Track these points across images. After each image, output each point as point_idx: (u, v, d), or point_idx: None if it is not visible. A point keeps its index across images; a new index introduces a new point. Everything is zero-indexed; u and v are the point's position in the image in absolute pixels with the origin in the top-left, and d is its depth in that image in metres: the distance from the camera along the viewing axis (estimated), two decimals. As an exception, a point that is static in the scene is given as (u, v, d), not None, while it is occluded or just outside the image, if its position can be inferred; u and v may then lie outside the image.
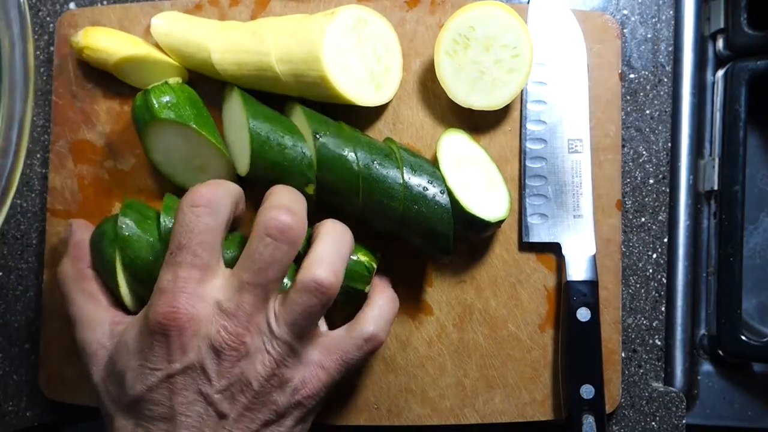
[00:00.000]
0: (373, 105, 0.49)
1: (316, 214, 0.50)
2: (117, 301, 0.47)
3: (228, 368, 0.40)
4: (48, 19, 0.55)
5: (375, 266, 0.48)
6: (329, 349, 0.44)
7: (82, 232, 0.48)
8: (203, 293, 0.41)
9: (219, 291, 0.41)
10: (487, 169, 0.50)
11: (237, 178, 0.50)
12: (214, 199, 0.42)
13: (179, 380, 0.40)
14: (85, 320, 0.45)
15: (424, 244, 0.48)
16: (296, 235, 0.41)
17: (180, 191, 0.51)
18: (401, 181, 0.47)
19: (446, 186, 0.47)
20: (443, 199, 0.47)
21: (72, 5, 0.56)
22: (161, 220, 0.46)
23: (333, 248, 0.43)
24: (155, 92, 0.48)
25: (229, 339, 0.40)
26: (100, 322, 0.44)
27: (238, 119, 0.47)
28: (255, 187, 0.50)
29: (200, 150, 0.48)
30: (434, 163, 0.49)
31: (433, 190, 0.47)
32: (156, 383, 0.40)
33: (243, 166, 0.48)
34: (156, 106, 0.47)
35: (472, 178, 0.49)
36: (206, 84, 0.52)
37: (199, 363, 0.40)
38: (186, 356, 0.40)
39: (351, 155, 0.47)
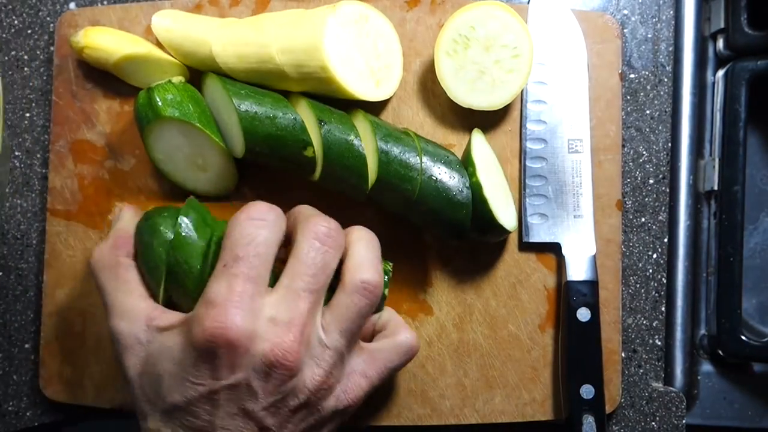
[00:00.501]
0: (373, 100, 0.49)
1: (319, 201, 0.50)
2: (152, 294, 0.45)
3: (277, 386, 0.39)
4: (48, 19, 0.55)
5: (391, 270, 0.49)
6: (374, 358, 0.44)
7: (130, 219, 0.46)
8: (256, 309, 0.39)
9: (271, 306, 0.40)
10: (499, 174, 0.50)
11: (235, 166, 0.50)
12: (272, 214, 0.42)
13: (223, 396, 0.39)
14: (120, 310, 0.42)
15: (436, 230, 0.49)
16: (341, 239, 0.42)
17: (180, 190, 0.52)
18: (419, 167, 0.47)
19: (477, 186, 0.47)
20: (462, 194, 0.47)
21: (72, 5, 0.56)
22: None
23: (369, 251, 0.43)
24: (159, 90, 0.48)
25: (284, 356, 0.39)
26: (137, 315, 0.42)
27: (223, 102, 0.48)
28: (256, 172, 0.50)
29: (202, 148, 0.48)
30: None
31: (452, 183, 0.47)
32: (197, 397, 0.39)
33: (239, 146, 0.47)
34: (160, 103, 0.47)
35: (492, 181, 0.49)
36: (206, 84, 0.52)
37: (246, 381, 0.39)
38: (234, 375, 0.39)
39: (357, 140, 0.47)
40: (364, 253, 0.43)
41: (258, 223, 0.41)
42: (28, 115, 0.55)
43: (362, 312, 0.42)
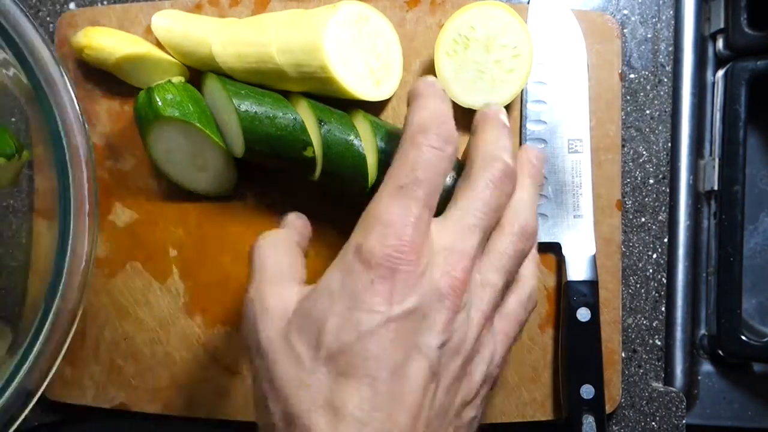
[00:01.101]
0: (373, 100, 0.49)
1: (319, 201, 0.50)
2: None
3: (448, 319, 0.35)
4: (48, 19, 0.55)
5: None
6: (505, 315, 0.41)
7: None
8: (429, 234, 0.37)
9: (441, 236, 0.37)
10: None
11: (235, 166, 0.50)
12: (451, 147, 0.39)
13: (399, 326, 0.34)
14: (274, 274, 0.39)
15: None
16: (514, 183, 0.41)
17: (180, 190, 0.52)
18: None
19: None
20: None
21: (72, 5, 0.55)
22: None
23: (531, 195, 0.42)
24: (159, 90, 0.48)
25: (454, 285, 0.36)
26: (290, 281, 0.39)
27: (222, 102, 0.47)
28: (255, 172, 0.50)
29: (202, 148, 0.48)
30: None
31: (451, 182, 0.47)
32: (370, 330, 0.34)
33: (238, 146, 0.47)
34: (160, 103, 0.47)
35: None
36: (206, 84, 0.52)
37: (421, 307, 0.35)
38: (411, 297, 0.35)
39: (357, 140, 0.47)
40: (526, 197, 0.41)
41: (438, 153, 0.38)
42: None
43: (518, 253, 0.40)
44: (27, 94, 0.42)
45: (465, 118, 0.52)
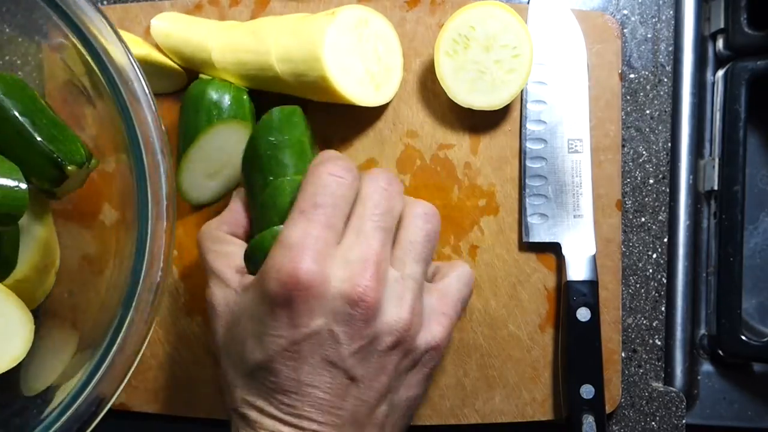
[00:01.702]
0: (373, 105, 0.49)
1: None
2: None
3: (360, 329, 0.37)
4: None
5: None
6: (444, 294, 0.43)
7: (241, 199, 0.47)
8: (331, 255, 0.38)
9: (343, 251, 0.39)
10: None
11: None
12: (351, 175, 0.41)
13: (305, 347, 0.37)
14: (216, 278, 0.42)
15: None
16: (401, 188, 0.43)
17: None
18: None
19: None
20: None
21: (71, 5, 0.55)
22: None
23: (414, 199, 0.45)
24: (233, 91, 0.49)
25: (364, 294, 0.37)
26: (230, 281, 0.42)
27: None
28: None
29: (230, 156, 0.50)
30: None
31: None
32: (279, 352, 0.37)
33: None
34: (234, 106, 0.49)
35: None
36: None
37: (327, 327, 0.37)
38: (313, 321, 0.37)
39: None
40: (410, 198, 0.44)
41: (338, 180, 0.40)
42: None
43: (429, 236, 0.42)
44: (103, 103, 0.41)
45: (465, 118, 0.53)
